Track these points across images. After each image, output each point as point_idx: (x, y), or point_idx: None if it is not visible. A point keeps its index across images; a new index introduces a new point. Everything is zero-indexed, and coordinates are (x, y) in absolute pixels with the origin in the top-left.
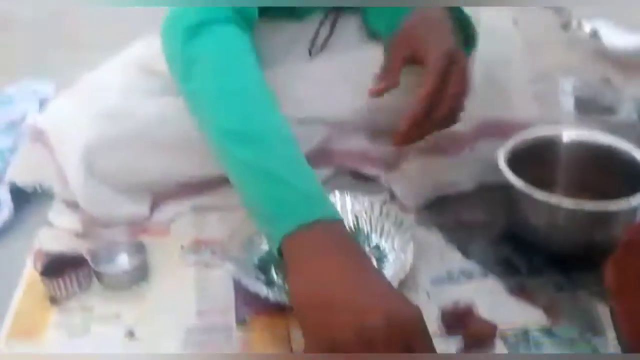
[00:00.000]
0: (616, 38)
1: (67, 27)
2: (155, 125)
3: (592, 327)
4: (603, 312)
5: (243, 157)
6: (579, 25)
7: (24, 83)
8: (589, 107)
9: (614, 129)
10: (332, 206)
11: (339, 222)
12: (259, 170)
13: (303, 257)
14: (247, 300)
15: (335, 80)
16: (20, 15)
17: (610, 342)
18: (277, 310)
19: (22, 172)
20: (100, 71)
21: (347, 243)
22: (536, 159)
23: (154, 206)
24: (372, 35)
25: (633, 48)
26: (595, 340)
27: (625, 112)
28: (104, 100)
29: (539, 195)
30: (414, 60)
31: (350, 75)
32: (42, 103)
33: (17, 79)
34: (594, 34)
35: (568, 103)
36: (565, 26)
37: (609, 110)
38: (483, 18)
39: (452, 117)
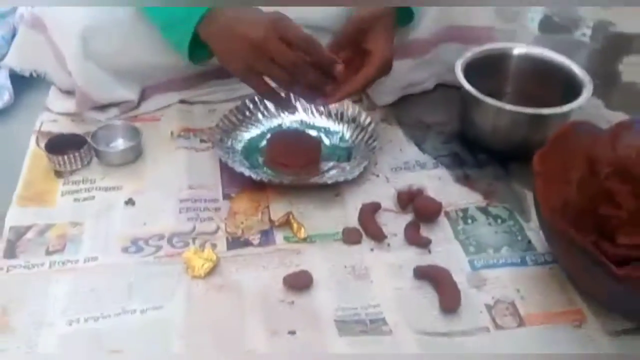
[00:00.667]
0: None
1: None
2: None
3: (520, 209)
4: (529, 197)
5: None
6: None
7: None
8: (546, 25)
9: (567, 47)
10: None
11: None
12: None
13: (214, 34)
14: (232, 180)
15: None
16: None
17: (532, 219)
18: (258, 187)
19: (19, 59)
20: None
21: (236, 11)
22: (489, 69)
23: (145, 97)
24: None
25: None
26: (521, 218)
27: (580, 32)
28: None
29: (487, 100)
30: (358, 43)
31: None
32: None
33: None
34: None
35: (529, 19)
36: None
37: (565, 29)
38: None
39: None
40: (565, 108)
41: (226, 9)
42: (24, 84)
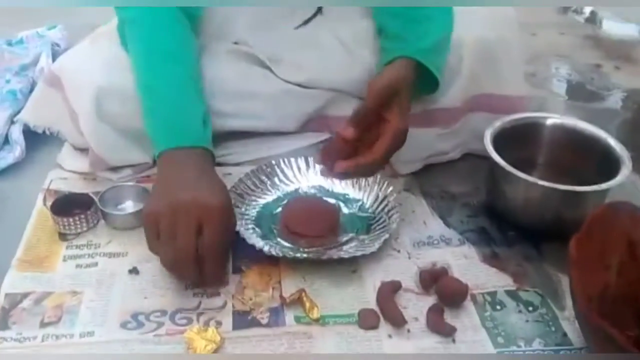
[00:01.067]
0: (611, 26)
1: None
2: None
3: (553, 294)
4: (564, 282)
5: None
6: (577, 9)
7: (36, 29)
8: (577, 92)
9: (599, 115)
10: (199, 136)
11: (198, 148)
12: (152, 104)
13: (162, 172)
14: (243, 250)
15: (333, 49)
16: None
17: (567, 307)
18: (270, 260)
19: (34, 115)
20: (113, 24)
21: (196, 164)
22: (520, 140)
23: None
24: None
25: (627, 37)
26: (554, 305)
27: (612, 100)
28: (116, 49)
29: (518, 174)
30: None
31: (347, 44)
32: (54, 48)
33: (29, 25)
34: (592, 19)
35: (560, 86)
36: (564, 9)
37: (597, 96)
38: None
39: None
40: (604, 186)
41: (198, 157)
42: (36, 139)
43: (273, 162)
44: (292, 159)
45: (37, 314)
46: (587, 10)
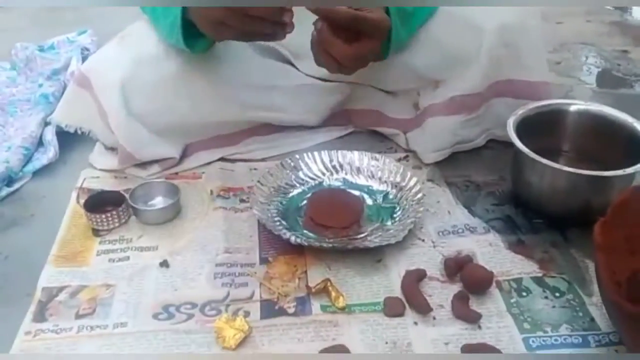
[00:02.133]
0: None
1: None
2: (188, 72)
3: (580, 280)
4: (591, 267)
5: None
6: None
7: (66, 35)
8: (605, 79)
9: (627, 102)
10: None
11: None
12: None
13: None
14: (270, 242)
15: None
16: None
17: (594, 293)
18: (296, 251)
19: (66, 116)
20: (140, 24)
21: None
22: (544, 127)
23: (187, 154)
24: None
25: None
26: (582, 291)
27: None
28: (142, 47)
29: (542, 161)
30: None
31: None
32: (83, 52)
33: (60, 32)
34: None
35: (587, 74)
36: None
37: (624, 82)
38: None
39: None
40: (630, 170)
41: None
42: (69, 139)
43: (297, 156)
44: (316, 153)
45: (72, 307)
46: None
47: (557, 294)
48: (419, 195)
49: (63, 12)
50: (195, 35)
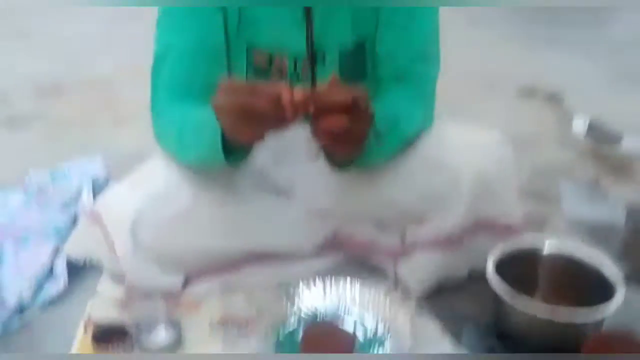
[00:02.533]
0: (609, 139)
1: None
2: (195, 210)
3: None
4: None
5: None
6: (575, 123)
7: (77, 162)
8: (579, 212)
9: (601, 234)
10: None
11: None
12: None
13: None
14: None
15: (344, 177)
16: (68, 81)
17: None
18: None
19: (77, 249)
20: (149, 163)
21: None
22: (521, 264)
23: (188, 283)
24: None
25: (625, 150)
26: None
27: (614, 217)
28: (153, 187)
29: (520, 305)
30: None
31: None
32: (95, 181)
33: (69, 156)
34: (590, 132)
35: (561, 200)
36: (561, 123)
37: (598, 213)
38: (475, 136)
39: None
40: (598, 315)
41: None
42: (77, 267)
43: (292, 289)
44: (311, 280)
45: None
46: (582, 123)
47: None
48: (408, 327)
49: (74, 134)
50: (229, 150)
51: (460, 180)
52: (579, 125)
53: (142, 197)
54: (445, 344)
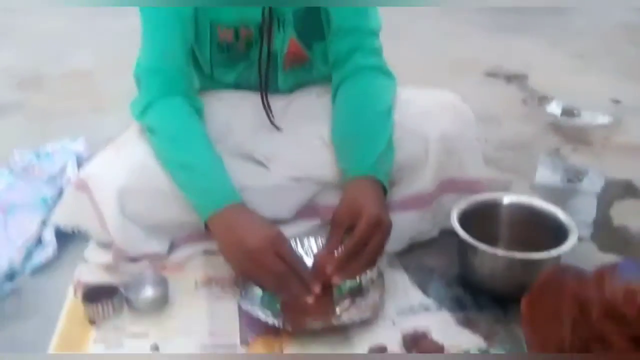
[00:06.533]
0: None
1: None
2: None
3: (519, 349)
4: None
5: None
6: (538, 100)
7: (60, 142)
8: (542, 176)
9: (562, 196)
10: (235, 194)
11: (237, 203)
12: (190, 181)
13: (220, 230)
14: (249, 324)
15: (318, 147)
16: (48, 73)
17: None
18: (273, 332)
19: (64, 217)
20: (133, 130)
21: (244, 214)
22: (483, 217)
23: (173, 248)
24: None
25: (582, 124)
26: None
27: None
28: (138, 155)
29: (482, 247)
30: (352, 228)
31: (329, 144)
32: (78, 159)
33: (53, 138)
34: (553, 108)
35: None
36: (525, 101)
37: (560, 178)
38: (436, 98)
39: (366, 267)
40: (554, 253)
41: (236, 211)
42: (65, 236)
43: None
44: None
45: None
46: (548, 101)
47: None
48: (381, 281)
49: (56, 121)
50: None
51: (427, 142)
52: (553, 106)
53: (128, 166)
54: (414, 293)
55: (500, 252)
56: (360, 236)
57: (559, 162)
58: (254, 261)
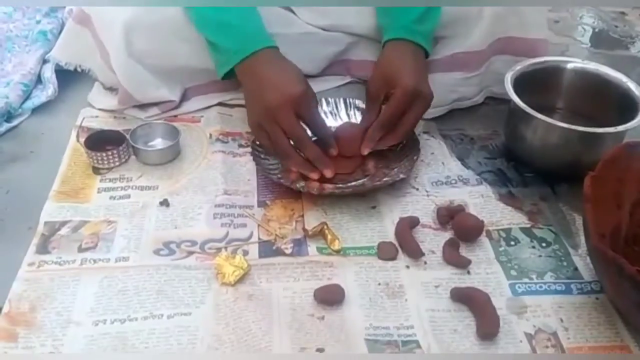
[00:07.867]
0: None
1: None
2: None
3: (566, 232)
4: (577, 221)
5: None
6: None
7: None
8: (601, 40)
9: (622, 63)
10: (270, 39)
11: (271, 48)
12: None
13: (247, 77)
14: (267, 186)
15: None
16: None
17: (579, 245)
18: (293, 195)
19: (65, 53)
20: None
21: (277, 62)
22: (540, 84)
23: (186, 97)
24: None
25: None
26: (567, 242)
27: (636, 47)
28: None
29: (538, 115)
30: (389, 96)
31: None
32: None
33: None
34: None
35: (584, 34)
36: None
37: (620, 44)
38: None
39: (399, 139)
40: (620, 128)
41: (269, 57)
42: (68, 78)
43: None
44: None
45: (75, 240)
46: None
47: (544, 244)
48: (415, 146)
49: None
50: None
51: None
52: None
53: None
54: (452, 163)
55: (558, 122)
56: (395, 108)
57: (621, 27)
58: (268, 118)
